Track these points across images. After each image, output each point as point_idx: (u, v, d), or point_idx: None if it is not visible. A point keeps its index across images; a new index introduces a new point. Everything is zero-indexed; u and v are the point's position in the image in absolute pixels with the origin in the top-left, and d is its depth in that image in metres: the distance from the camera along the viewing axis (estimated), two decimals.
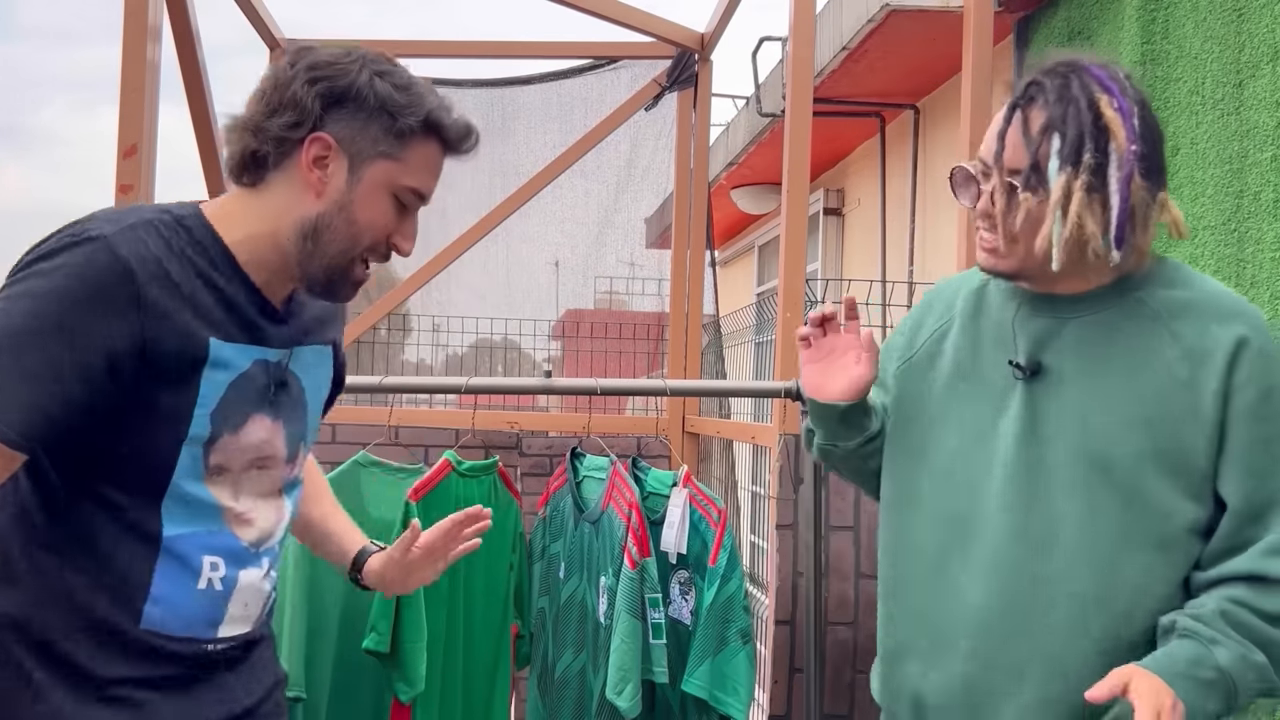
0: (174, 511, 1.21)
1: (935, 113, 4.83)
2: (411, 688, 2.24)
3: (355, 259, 1.28)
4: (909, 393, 1.48)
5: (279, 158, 1.25)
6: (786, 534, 2.33)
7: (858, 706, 2.37)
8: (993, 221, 1.33)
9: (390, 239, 1.29)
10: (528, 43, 3.92)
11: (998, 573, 1.33)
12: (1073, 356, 1.34)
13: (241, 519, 1.27)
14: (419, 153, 1.27)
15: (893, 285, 4.05)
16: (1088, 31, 2.24)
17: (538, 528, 2.64)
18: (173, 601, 1.22)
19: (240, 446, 1.25)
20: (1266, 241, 1.69)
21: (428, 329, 4.01)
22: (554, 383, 2.28)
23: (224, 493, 1.25)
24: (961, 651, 1.35)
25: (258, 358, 1.27)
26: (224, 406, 1.22)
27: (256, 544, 1.30)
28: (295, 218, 1.26)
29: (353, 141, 1.24)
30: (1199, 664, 1.22)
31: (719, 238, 7.95)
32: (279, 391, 1.30)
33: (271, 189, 1.26)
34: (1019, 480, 1.33)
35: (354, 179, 1.25)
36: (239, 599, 1.28)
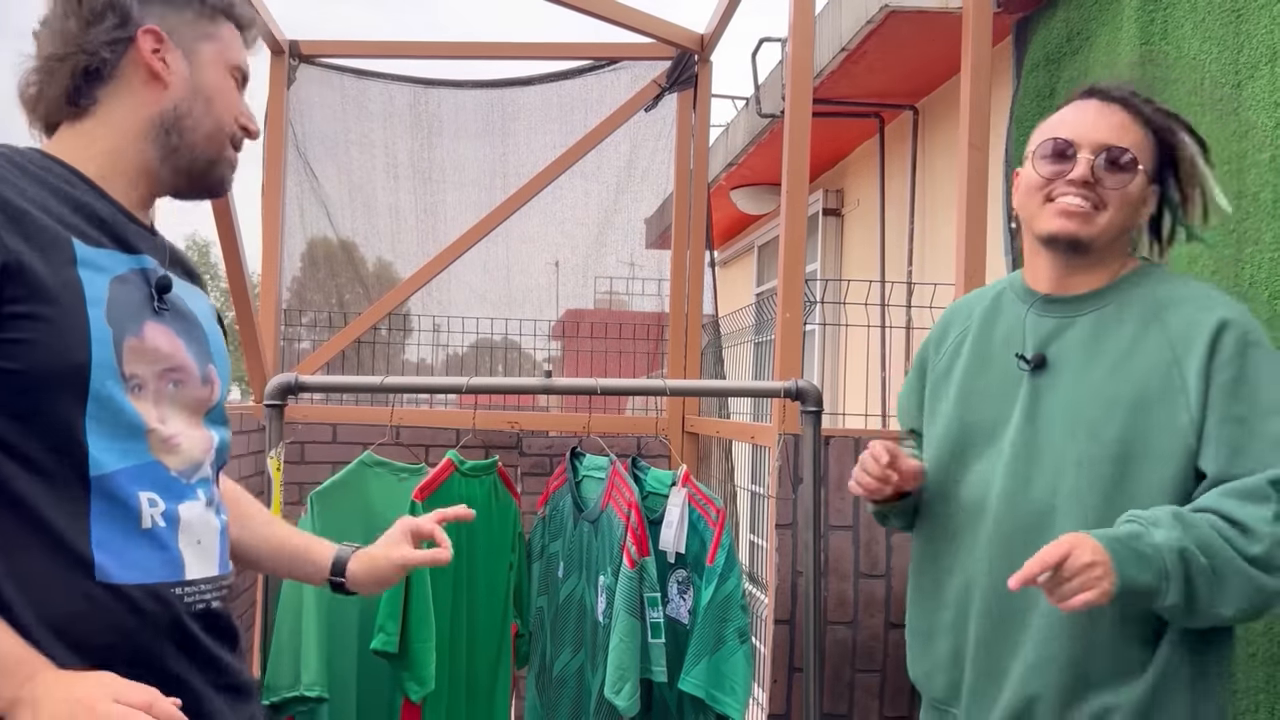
0: (99, 432, 1.11)
1: (934, 113, 4.83)
2: (422, 687, 2.25)
3: (224, 141, 1.31)
4: (936, 395, 1.67)
5: (113, 64, 1.23)
6: (786, 534, 2.34)
7: (857, 706, 2.37)
8: (1089, 188, 1.47)
9: (239, 120, 1.33)
10: (528, 43, 3.92)
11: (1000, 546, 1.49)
12: (1073, 350, 1.50)
13: (168, 444, 1.19)
14: (229, 31, 1.32)
15: (892, 285, 4.05)
16: (1086, 32, 2.24)
17: (537, 527, 2.64)
18: (121, 548, 1.13)
19: (147, 351, 1.18)
20: (1266, 241, 1.69)
21: (428, 329, 4.01)
22: (554, 383, 2.29)
23: (148, 410, 1.17)
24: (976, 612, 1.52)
25: (132, 264, 1.21)
26: (113, 307, 1.14)
27: (187, 474, 1.22)
28: (147, 115, 1.25)
29: (176, 29, 1.27)
30: (1136, 538, 1.31)
31: (719, 238, 7.96)
32: (163, 301, 1.22)
33: (105, 105, 1.24)
34: (1019, 463, 1.49)
35: (192, 63, 1.28)
36: (189, 534, 1.21)
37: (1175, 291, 1.48)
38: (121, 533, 1.14)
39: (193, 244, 29.20)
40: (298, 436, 3.38)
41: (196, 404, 1.26)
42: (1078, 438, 1.45)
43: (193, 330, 1.27)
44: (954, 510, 1.59)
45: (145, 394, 1.17)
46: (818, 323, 4.33)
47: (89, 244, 1.16)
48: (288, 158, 3.62)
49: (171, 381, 1.21)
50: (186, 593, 1.20)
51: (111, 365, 1.13)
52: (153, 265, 1.24)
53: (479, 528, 2.48)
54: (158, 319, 1.21)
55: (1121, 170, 1.47)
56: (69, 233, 1.14)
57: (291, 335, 4.00)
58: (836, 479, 2.37)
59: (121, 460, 1.14)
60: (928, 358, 1.73)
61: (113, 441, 1.13)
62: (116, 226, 1.21)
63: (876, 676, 2.37)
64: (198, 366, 1.26)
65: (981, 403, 1.58)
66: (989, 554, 1.51)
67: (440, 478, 2.40)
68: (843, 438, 2.39)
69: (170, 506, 1.19)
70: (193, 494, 1.23)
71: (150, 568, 1.16)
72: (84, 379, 1.10)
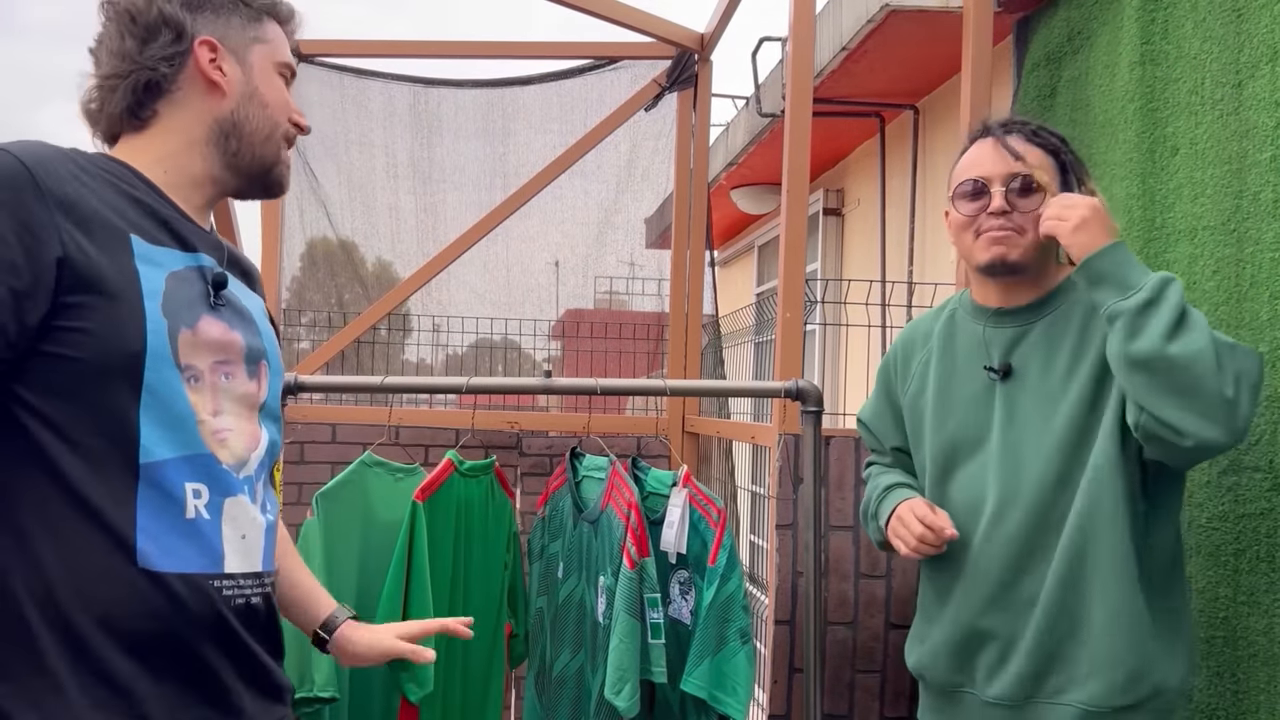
0: (151, 421, 1.14)
1: (935, 113, 4.83)
2: (421, 688, 2.24)
3: (279, 141, 1.35)
4: (918, 418, 1.80)
5: (172, 77, 1.27)
6: (786, 534, 2.33)
7: (857, 706, 2.37)
8: (1006, 217, 1.64)
9: (291, 117, 1.37)
10: (528, 43, 3.92)
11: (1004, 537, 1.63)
12: (1034, 354, 1.66)
13: (218, 437, 1.21)
14: (274, 32, 1.37)
15: (892, 285, 4.05)
16: (1087, 32, 2.24)
17: (537, 527, 2.64)
18: (163, 536, 1.15)
19: (201, 343, 1.20)
20: (1266, 241, 1.69)
21: (428, 329, 4.01)
22: (554, 383, 2.28)
23: (202, 402, 1.19)
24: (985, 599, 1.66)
25: (190, 262, 1.24)
26: (169, 300, 1.17)
27: (236, 468, 1.24)
28: (209, 123, 1.30)
29: (227, 36, 1.31)
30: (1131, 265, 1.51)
31: (719, 238, 7.95)
32: (219, 296, 1.25)
33: (163, 117, 1.29)
34: (1008, 461, 1.64)
35: (246, 68, 1.32)
36: (233, 527, 1.22)
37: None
38: (165, 521, 1.15)
39: None
40: (297, 436, 3.38)
41: (248, 399, 1.28)
42: (1053, 430, 1.61)
43: (248, 327, 1.30)
44: (955, 516, 1.70)
45: (201, 385, 1.20)
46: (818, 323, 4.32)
47: (147, 240, 1.19)
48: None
49: (223, 374, 1.23)
50: (225, 586, 1.20)
51: (167, 355, 1.15)
52: (210, 263, 1.27)
53: (475, 527, 2.49)
54: (214, 313, 1.24)
55: (1031, 193, 1.64)
56: (128, 228, 1.17)
57: (291, 335, 4.00)
58: (837, 479, 2.37)
59: (172, 449, 1.16)
60: (892, 381, 1.88)
61: (165, 430, 1.16)
62: (175, 225, 1.24)
63: (877, 677, 2.37)
64: (248, 362, 1.28)
65: (959, 415, 1.72)
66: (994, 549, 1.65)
67: (440, 478, 2.40)
68: (843, 438, 2.39)
69: (216, 499, 1.21)
70: (240, 488, 1.24)
71: (189, 557, 1.17)
72: (139, 367, 1.13)
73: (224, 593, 1.20)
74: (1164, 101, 1.96)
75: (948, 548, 1.70)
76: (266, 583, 1.28)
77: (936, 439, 1.75)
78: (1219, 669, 1.75)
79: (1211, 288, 1.80)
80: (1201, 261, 1.83)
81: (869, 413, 1.94)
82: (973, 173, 1.69)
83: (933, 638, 1.75)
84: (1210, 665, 1.77)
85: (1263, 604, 1.67)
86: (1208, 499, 1.74)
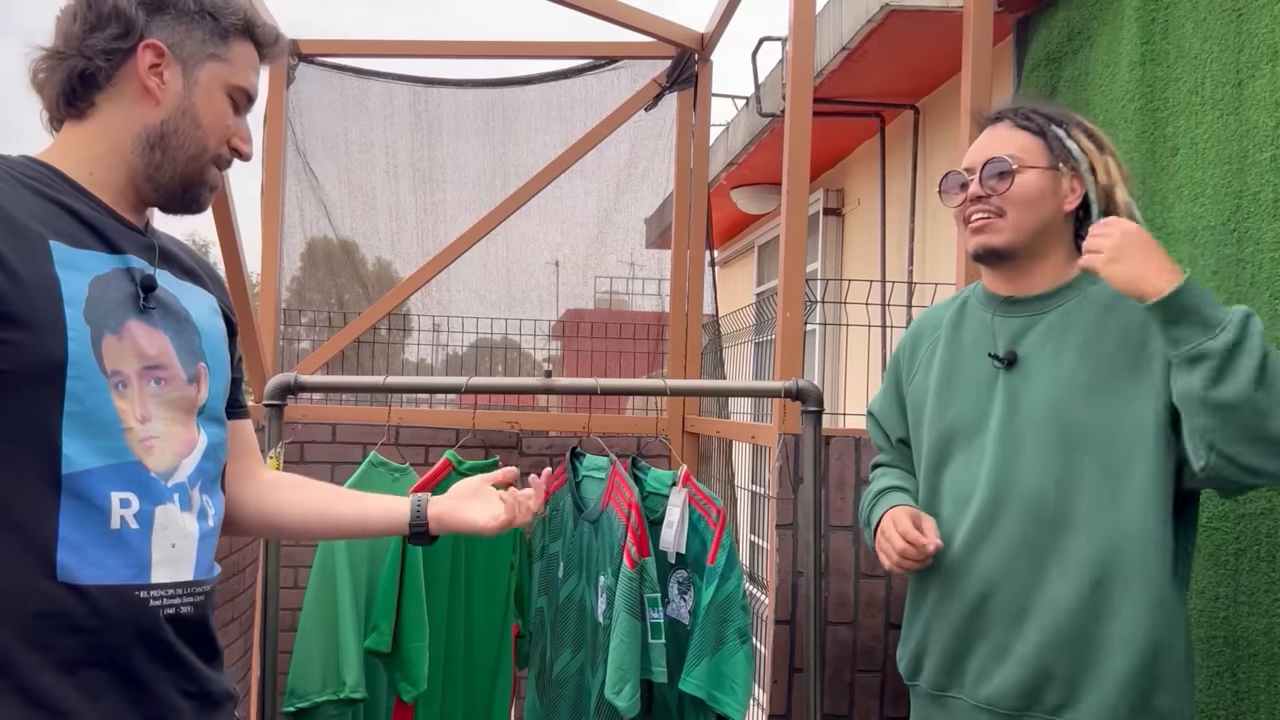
0: (75, 430, 1.12)
1: (935, 113, 4.83)
2: (414, 687, 2.24)
3: (207, 162, 1.29)
4: (919, 403, 1.76)
5: (109, 73, 1.23)
6: (786, 534, 2.33)
7: (857, 707, 2.37)
8: (984, 201, 1.62)
9: (230, 141, 1.31)
10: (528, 43, 3.92)
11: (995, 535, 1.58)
12: (1042, 345, 1.60)
13: (145, 444, 1.18)
14: (241, 53, 1.31)
15: (892, 285, 4.05)
16: (1087, 32, 2.24)
17: (537, 527, 2.64)
18: (86, 548, 1.12)
19: (128, 350, 1.17)
20: (1266, 241, 1.69)
21: (428, 329, 4.01)
22: (554, 383, 2.28)
23: (129, 409, 1.17)
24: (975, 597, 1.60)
25: (116, 264, 1.21)
26: (91, 306, 1.15)
27: (165, 474, 1.20)
28: (136, 129, 1.25)
29: (182, 46, 1.26)
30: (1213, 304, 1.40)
31: (719, 238, 7.95)
32: (149, 299, 1.22)
33: (102, 111, 1.25)
34: (1005, 454, 1.58)
35: (190, 82, 1.27)
36: (161, 538, 1.18)
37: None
38: (89, 532, 1.13)
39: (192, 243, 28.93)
40: (297, 436, 3.38)
41: (184, 402, 1.25)
42: (1056, 424, 1.55)
43: (183, 330, 1.27)
44: (945, 505, 1.67)
45: (129, 391, 1.17)
46: (818, 323, 4.32)
47: (68, 244, 1.16)
48: (287, 157, 3.62)
49: (152, 379, 1.20)
50: (152, 596, 1.18)
51: (90, 363, 1.13)
52: (140, 264, 1.24)
53: None
54: (142, 317, 1.20)
55: (1002, 176, 1.60)
56: (48, 234, 1.14)
57: (291, 335, 4.00)
58: (837, 479, 2.37)
59: (98, 459, 1.14)
60: (900, 369, 1.84)
61: (90, 440, 1.13)
62: (100, 227, 1.21)
63: (877, 677, 2.36)
64: (184, 365, 1.25)
65: (959, 403, 1.67)
66: (985, 542, 1.59)
67: (437, 477, 2.40)
68: (843, 438, 2.38)
69: (146, 508, 1.18)
70: (169, 496, 1.21)
71: (112, 567, 1.14)
72: (61, 377, 1.11)
73: (151, 604, 1.17)
74: (1164, 101, 1.96)
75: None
76: (199, 591, 1.25)
77: (936, 424, 1.70)
78: (1219, 669, 1.75)
79: (1211, 288, 1.80)
80: (1202, 261, 1.83)
81: (878, 405, 1.90)
82: (959, 165, 1.68)
83: (920, 638, 1.69)
84: (1210, 665, 1.77)
85: (1263, 604, 1.67)
86: (1208, 499, 1.73)
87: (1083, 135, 1.62)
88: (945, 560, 1.64)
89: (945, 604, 1.64)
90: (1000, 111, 1.69)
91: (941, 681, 1.66)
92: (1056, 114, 1.65)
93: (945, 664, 1.65)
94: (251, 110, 1.36)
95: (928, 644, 1.68)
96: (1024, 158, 1.60)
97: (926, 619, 1.68)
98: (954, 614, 1.62)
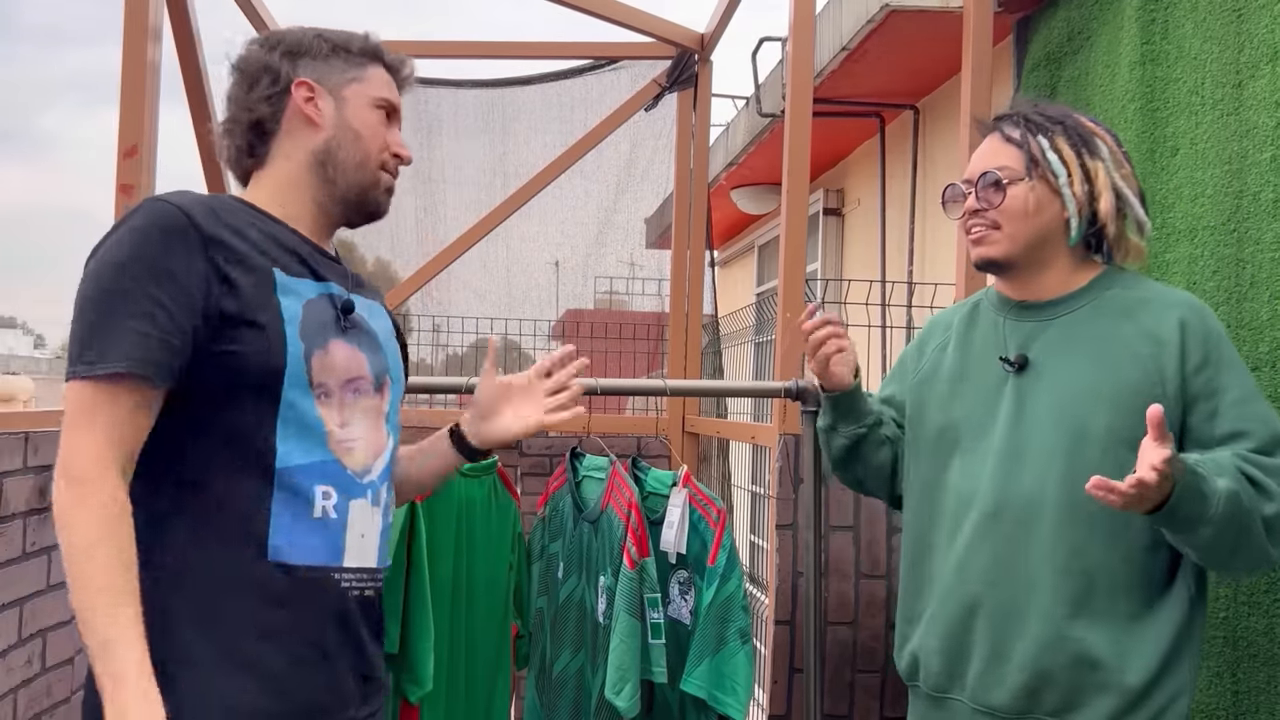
0: (287, 432, 1.30)
1: (935, 113, 4.83)
2: (420, 688, 2.24)
3: (375, 167, 1.48)
4: (922, 399, 1.75)
5: (275, 115, 1.45)
6: (786, 534, 2.33)
7: (858, 706, 2.37)
8: (981, 214, 1.63)
9: (390, 149, 1.50)
10: (528, 43, 3.92)
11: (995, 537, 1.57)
12: (1053, 351, 1.60)
13: (344, 445, 1.37)
14: (375, 73, 1.51)
15: (892, 285, 4.05)
16: (1087, 32, 2.24)
17: (537, 527, 2.64)
18: (293, 531, 1.30)
19: (333, 365, 1.35)
20: (1266, 241, 1.69)
21: (428, 329, 4.01)
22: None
23: (330, 415, 1.35)
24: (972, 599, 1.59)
25: (321, 290, 1.39)
26: (305, 326, 1.33)
27: (361, 473, 1.39)
28: (307, 155, 1.45)
29: (325, 78, 1.47)
30: (1202, 479, 1.39)
31: (719, 238, 7.95)
32: (348, 320, 1.41)
33: (278, 152, 1.45)
34: (1009, 458, 1.57)
35: (340, 103, 1.47)
36: (354, 529, 1.37)
37: (1140, 292, 1.59)
38: (296, 519, 1.31)
39: None
40: None
41: (374, 410, 1.43)
42: (1064, 431, 1.54)
43: (373, 346, 1.45)
44: (944, 506, 1.66)
45: (330, 401, 1.35)
46: None
47: (287, 273, 1.35)
48: None
49: (352, 391, 1.39)
50: (344, 578, 1.36)
51: (301, 375, 1.32)
52: (339, 290, 1.43)
53: (478, 528, 2.48)
54: (343, 336, 1.40)
55: (995, 189, 1.61)
56: (271, 264, 1.34)
57: None
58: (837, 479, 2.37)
59: (304, 457, 1.32)
60: (906, 364, 1.85)
61: (298, 441, 1.32)
62: (305, 257, 1.40)
63: (877, 677, 2.37)
64: (373, 378, 1.43)
65: (966, 403, 1.67)
66: (985, 545, 1.58)
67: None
68: None
69: (342, 500, 1.36)
70: (363, 492, 1.39)
71: (314, 549, 1.32)
72: (278, 385, 1.30)
73: (342, 584, 1.36)
74: (1164, 101, 1.96)
75: (930, 542, 1.67)
76: (377, 576, 1.43)
77: (940, 419, 1.69)
78: (1219, 669, 1.75)
79: (1211, 288, 1.80)
80: (1202, 261, 1.83)
81: (879, 389, 1.93)
82: (961, 176, 1.69)
83: (920, 639, 1.68)
84: (1210, 665, 1.77)
85: (1263, 604, 1.67)
86: None
87: (1067, 144, 1.60)
88: (945, 562, 1.63)
89: (944, 606, 1.63)
90: (998, 117, 1.69)
91: (942, 684, 1.64)
92: (1046, 121, 1.63)
93: (945, 666, 1.63)
94: (399, 121, 1.54)
95: (927, 645, 1.66)
96: (1014, 171, 1.61)
97: (925, 620, 1.67)
98: (953, 616, 1.61)
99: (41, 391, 11.23)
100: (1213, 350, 1.52)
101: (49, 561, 2.20)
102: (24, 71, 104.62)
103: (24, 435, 2.10)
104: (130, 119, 2.39)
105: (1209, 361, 1.51)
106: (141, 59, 2.38)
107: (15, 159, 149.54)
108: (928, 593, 1.67)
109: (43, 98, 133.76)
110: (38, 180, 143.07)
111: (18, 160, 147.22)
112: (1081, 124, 1.64)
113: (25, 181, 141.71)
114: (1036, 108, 1.67)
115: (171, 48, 2.77)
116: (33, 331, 73.17)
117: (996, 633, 1.56)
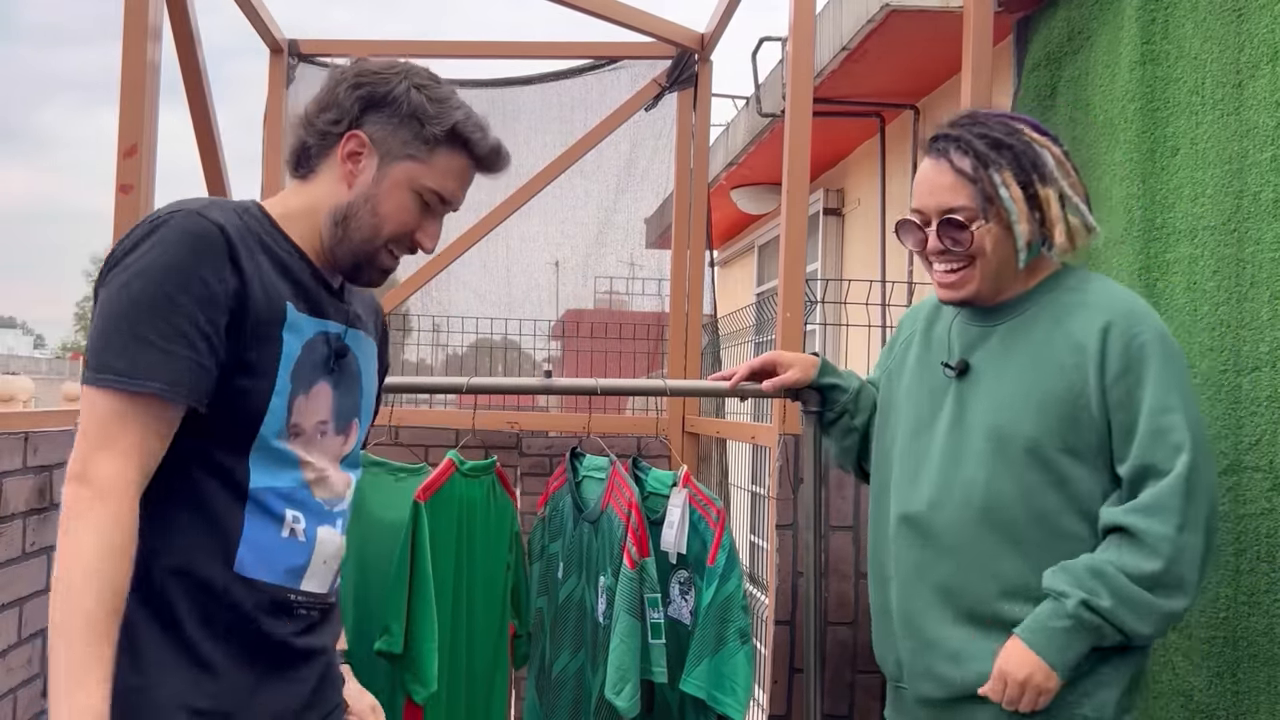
0: (259, 463, 1.31)
1: (935, 113, 4.83)
2: (425, 688, 2.24)
3: (379, 248, 1.42)
4: (885, 396, 1.82)
5: (321, 150, 1.41)
6: (786, 534, 2.33)
7: (857, 706, 2.37)
8: (946, 256, 1.61)
9: (413, 235, 1.44)
10: (528, 43, 3.92)
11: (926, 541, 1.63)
12: (991, 358, 1.63)
13: (316, 477, 1.38)
14: (444, 159, 1.42)
15: (892, 285, 4.05)
16: (1087, 32, 2.24)
17: (537, 527, 2.64)
18: (262, 547, 1.32)
19: (311, 408, 1.37)
20: (1266, 241, 1.69)
21: (428, 329, 4.01)
22: (554, 383, 2.28)
23: (300, 451, 1.36)
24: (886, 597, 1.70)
25: (320, 329, 1.39)
26: (299, 368, 1.34)
27: (330, 502, 1.41)
28: (330, 205, 1.41)
29: (384, 141, 1.40)
30: (1055, 616, 1.49)
31: (719, 238, 7.95)
32: (338, 363, 1.42)
33: (317, 180, 1.42)
34: (946, 462, 1.62)
35: (381, 175, 1.40)
36: (319, 554, 1.39)
37: (1077, 296, 1.60)
38: (265, 536, 1.32)
39: None
40: None
41: (334, 451, 1.43)
42: (997, 435, 1.57)
43: (351, 388, 1.46)
44: (890, 503, 1.73)
45: (299, 441, 1.36)
46: (818, 323, 4.32)
47: (296, 309, 1.35)
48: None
49: (319, 432, 1.40)
50: (298, 601, 1.37)
51: (282, 414, 1.33)
52: (336, 329, 1.43)
53: (477, 528, 2.48)
54: (327, 378, 1.40)
55: (960, 229, 1.59)
56: (284, 299, 1.34)
57: None
58: (837, 479, 2.37)
59: (276, 481, 1.33)
60: (888, 353, 1.91)
61: (271, 469, 1.33)
62: (311, 291, 1.39)
63: (877, 677, 2.36)
64: (339, 422, 1.43)
65: (917, 403, 1.72)
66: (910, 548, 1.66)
67: (441, 478, 2.40)
68: None
69: (310, 528, 1.38)
70: (332, 520, 1.42)
71: (277, 570, 1.34)
72: (258, 420, 1.30)
73: (292, 599, 1.36)
74: (1164, 101, 1.96)
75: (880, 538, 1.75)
76: (326, 602, 1.44)
77: (894, 418, 1.76)
78: (1219, 669, 1.75)
79: (1211, 288, 1.80)
80: (1202, 261, 1.83)
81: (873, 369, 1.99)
82: (915, 201, 1.64)
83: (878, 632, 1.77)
84: (1210, 665, 1.77)
85: (1263, 604, 1.67)
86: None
87: (1014, 180, 1.56)
88: (889, 561, 1.71)
89: (887, 597, 1.72)
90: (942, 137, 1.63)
91: (895, 672, 1.74)
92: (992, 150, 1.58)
93: (891, 654, 1.73)
94: (449, 212, 1.48)
95: (878, 634, 1.76)
96: (971, 211, 1.58)
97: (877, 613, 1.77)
98: (882, 611, 1.73)
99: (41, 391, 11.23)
100: (1134, 359, 1.51)
101: (48, 561, 2.19)
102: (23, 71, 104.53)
103: (24, 435, 2.10)
104: (130, 119, 2.39)
105: (1128, 370, 1.51)
106: (141, 59, 2.38)
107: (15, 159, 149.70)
108: (878, 589, 1.76)
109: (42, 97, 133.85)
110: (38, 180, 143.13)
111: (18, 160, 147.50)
112: (1029, 143, 1.59)
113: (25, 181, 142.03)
114: (978, 125, 1.61)
115: (171, 48, 2.77)
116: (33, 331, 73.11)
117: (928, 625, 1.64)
